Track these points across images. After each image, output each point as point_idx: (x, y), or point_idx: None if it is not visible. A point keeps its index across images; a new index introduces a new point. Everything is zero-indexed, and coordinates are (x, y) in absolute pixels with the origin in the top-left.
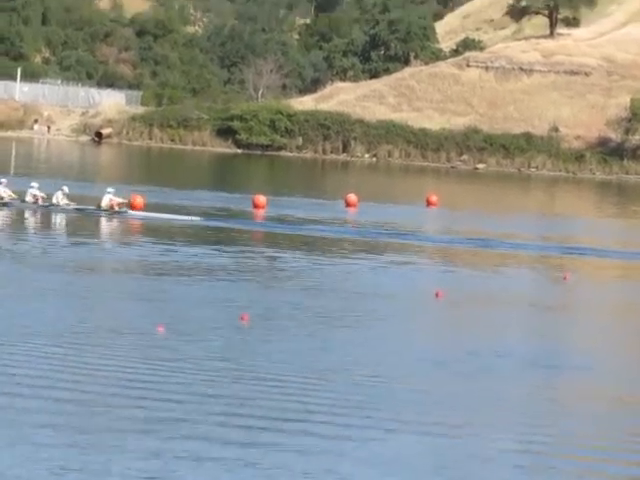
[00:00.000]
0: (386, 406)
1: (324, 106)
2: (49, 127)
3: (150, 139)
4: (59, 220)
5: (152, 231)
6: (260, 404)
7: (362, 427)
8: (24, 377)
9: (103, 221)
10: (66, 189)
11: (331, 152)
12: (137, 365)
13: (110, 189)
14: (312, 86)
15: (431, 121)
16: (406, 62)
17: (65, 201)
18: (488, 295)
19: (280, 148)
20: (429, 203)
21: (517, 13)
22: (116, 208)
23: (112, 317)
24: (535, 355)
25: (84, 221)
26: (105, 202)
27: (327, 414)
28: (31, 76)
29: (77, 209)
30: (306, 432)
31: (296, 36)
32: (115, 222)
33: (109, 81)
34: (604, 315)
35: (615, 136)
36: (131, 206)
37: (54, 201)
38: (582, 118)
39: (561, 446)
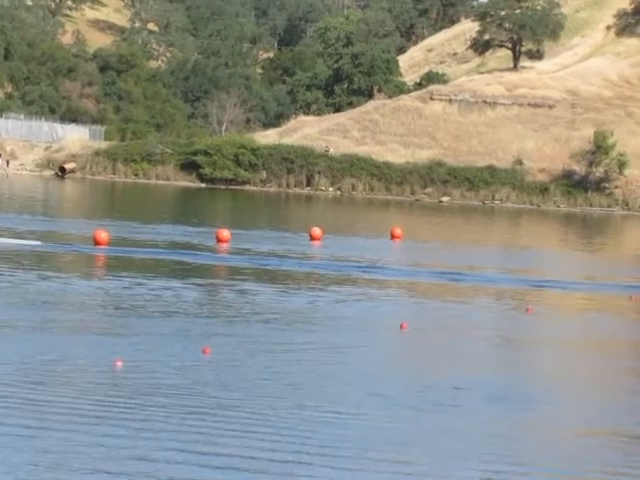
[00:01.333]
0: (335, 443)
1: (288, 140)
2: (8, 162)
3: (114, 174)
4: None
5: (112, 264)
6: (219, 439)
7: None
8: None
9: (63, 254)
10: None
11: (295, 186)
12: (93, 400)
13: None
14: (276, 120)
15: (395, 154)
16: (370, 96)
17: None
18: (452, 327)
19: (244, 182)
20: (393, 236)
21: (481, 46)
22: None
23: (68, 352)
24: (493, 388)
25: (42, 254)
26: None
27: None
28: None
29: None
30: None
31: (259, 70)
32: (74, 254)
33: (72, 116)
34: (567, 348)
35: (579, 169)
36: (95, 241)
37: None
38: (546, 151)
39: None
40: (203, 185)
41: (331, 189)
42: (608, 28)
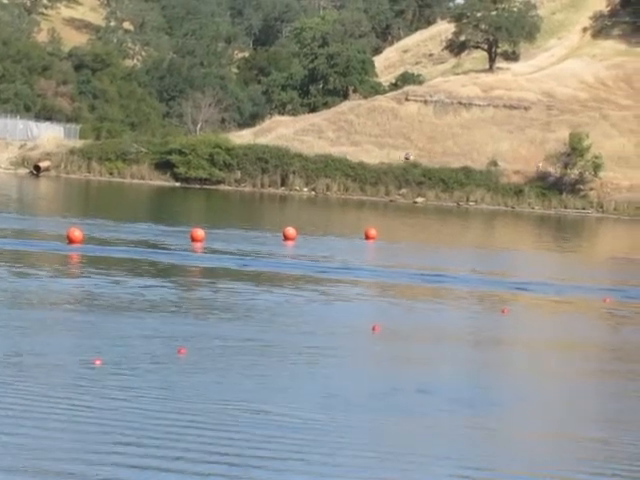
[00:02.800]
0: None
1: (263, 140)
2: None
3: (89, 172)
4: None
5: (87, 263)
6: (191, 439)
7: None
8: None
9: (37, 252)
10: None
11: (269, 186)
12: (71, 398)
13: None
14: (251, 120)
15: (370, 155)
16: (345, 96)
17: None
18: (426, 329)
19: (218, 182)
20: (368, 237)
21: (456, 47)
22: None
23: (45, 350)
24: (460, 391)
25: (16, 252)
26: None
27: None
28: None
29: None
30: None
31: (235, 70)
32: (49, 253)
33: (47, 114)
34: (541, 349)
35: (554, 170)
36: (69, 240)
37: None
38: (521, 152)
39: None
40: (177, 184)
41: (305, 189)
42: (584, 30)
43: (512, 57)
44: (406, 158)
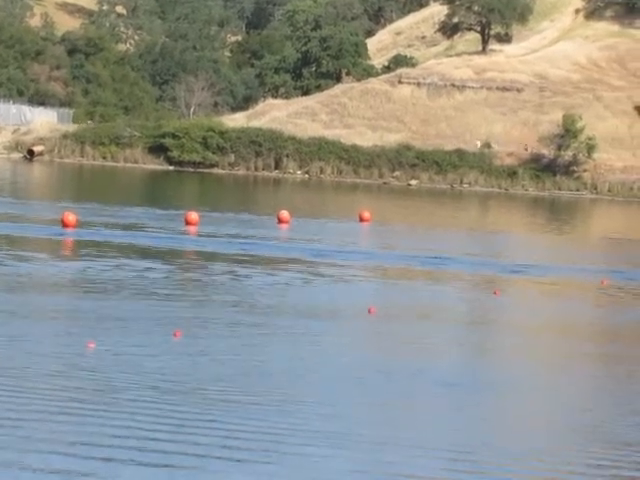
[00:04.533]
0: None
1: (256, 123)
2: None
3: (82, 157)
4: None
5: (80, 248)
6: (189, 423)
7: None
8: None
9: (31, 237)
10: None
11: (263, 169)
12: (66, 381)
13: None
14: (244, 103)
15: (363, 138)
16: (338, 79)
17: None
18: (420, 311)
19: (212, 165)
20: (362, 219)
21: (449, 30)
22: None
23: (40, 335)
24: (451, 374)
25: (10, 237)
26: None
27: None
28: None
29: None
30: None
31: (228, 53)
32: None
33: (41, 99)
34: (533, 331)
35: (547, 152)
36: (63, 224)
37: None
38: (514, 134)
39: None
40: (171, 168)
41: (299, 172)
42: (577, 12)
43: (505, 39)
44: (525, 149)
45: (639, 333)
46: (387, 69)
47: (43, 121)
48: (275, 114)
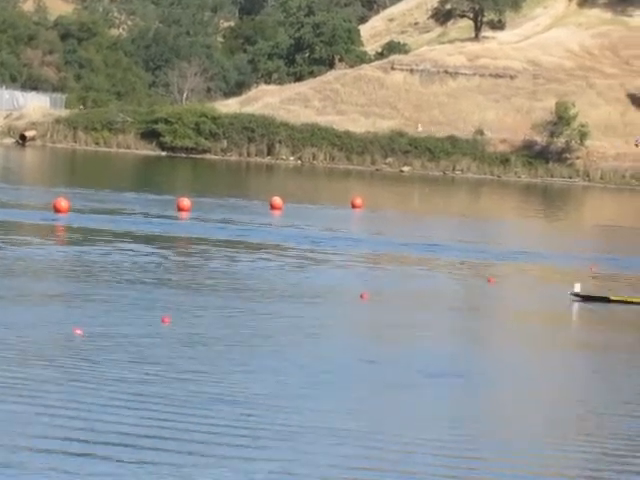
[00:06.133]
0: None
1: (249, 109)
2: None
3: (75, 142)
4: None
5: (72, 234)
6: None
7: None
8: None
9: (23, 222)
10: None
11: (256, 155)
12: (51, 368)
13: None
14: (237, 89)
15: (356, 124)
16: (331, 65)
17: None
18: (413, 298)
19: (205, 151)
20: (354, 206)
21: (442, 16)
22: None
23: (27, 319)
24: (438, 363)
25: (1, 222)
26: None
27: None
28: None
29: None
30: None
31: (220, 39)
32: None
33: (33, 84)
34: (525, 319)
35: (540, 139)
36: (55, 209)
37: None
38: (507, 121)
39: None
40: (164, 154)
41: (292, 158)
42: None
43: (498, 26)
44: (636, 144)
45: (628, 321)
46: (380, 55)
47: (35, 106)
48: (268, 100)
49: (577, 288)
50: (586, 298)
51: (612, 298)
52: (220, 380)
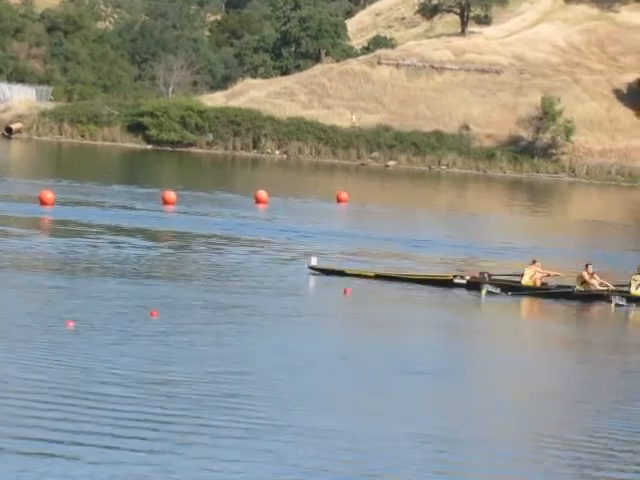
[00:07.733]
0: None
1: (235, 103)
2: None
3: (60, 134)
4: None
5: (58, 226)
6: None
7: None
8: None
9: (9, 214)
10: None
11: (241, 149)
12: (44, 361)
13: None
14: (223, 83)
15: (342, 118)
16: (317, 59)
17: None
18: (396, 293)
19: (190, 144)
20: (339, 200)
21: (429, 11)
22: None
23: (19, 313)
24: (424, 358)
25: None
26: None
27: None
28: None
29: None
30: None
31: (207, 33)
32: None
33: (19, 76)
34: (510, 313)
35: (526, 134)
36: (41, 202)
37: None
38: (493, 116)
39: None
40: (149, 147)
41: (277, 152)
42: None
43: (484, 21)
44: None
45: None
46: (366, 50)
47: (22, 99)
48: (254, 94)
49: (314, 261)
50: (323, 271)
51: (347, 272)
52: (201, 381)
